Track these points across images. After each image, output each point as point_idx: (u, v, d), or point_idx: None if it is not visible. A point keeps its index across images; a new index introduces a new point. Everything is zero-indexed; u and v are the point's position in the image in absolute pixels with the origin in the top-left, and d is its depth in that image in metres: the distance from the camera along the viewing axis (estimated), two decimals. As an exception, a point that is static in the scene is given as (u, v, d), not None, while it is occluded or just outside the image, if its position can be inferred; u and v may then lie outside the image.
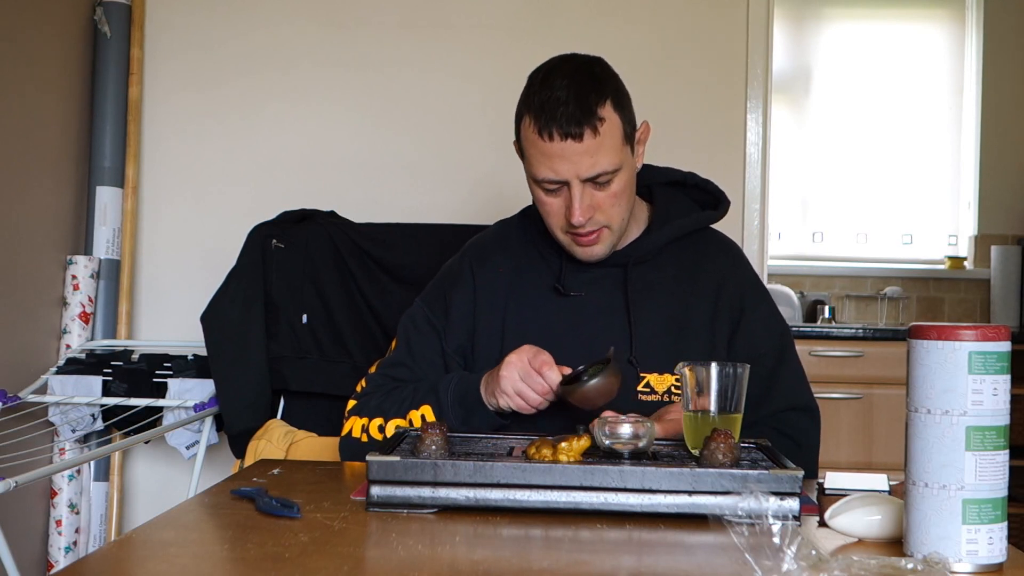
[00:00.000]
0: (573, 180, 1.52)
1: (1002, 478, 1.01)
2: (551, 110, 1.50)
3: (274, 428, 2.20)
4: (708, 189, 1.76)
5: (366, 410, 1.63)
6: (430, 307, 1.71)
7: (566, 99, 1.50)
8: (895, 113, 4.31)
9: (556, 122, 1.49)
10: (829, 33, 4.33)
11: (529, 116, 1.54)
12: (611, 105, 1.53)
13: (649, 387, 1.60)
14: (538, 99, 1.52)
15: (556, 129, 1.50)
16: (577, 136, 1.50)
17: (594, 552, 1.09)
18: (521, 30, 3.02)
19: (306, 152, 3.02)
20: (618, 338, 1.61)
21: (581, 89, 1.51)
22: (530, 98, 1.54)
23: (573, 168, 1.51)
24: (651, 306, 1.64)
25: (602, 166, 1.52)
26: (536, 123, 1.52)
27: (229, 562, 1.04)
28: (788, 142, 4.26)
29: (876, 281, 4.27)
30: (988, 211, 4.27)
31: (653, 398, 1.60)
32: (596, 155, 1.51)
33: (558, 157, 1.51)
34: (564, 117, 1.49)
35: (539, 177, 1.55)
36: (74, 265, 2.83)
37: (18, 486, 1.82)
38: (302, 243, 2.37)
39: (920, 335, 1.03)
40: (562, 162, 1.51)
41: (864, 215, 4.32)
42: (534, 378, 1.49)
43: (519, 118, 1.58)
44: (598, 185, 1.54)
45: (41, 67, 2.73)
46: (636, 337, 1.61)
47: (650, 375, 1.61)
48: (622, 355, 1.56)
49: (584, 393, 1.45)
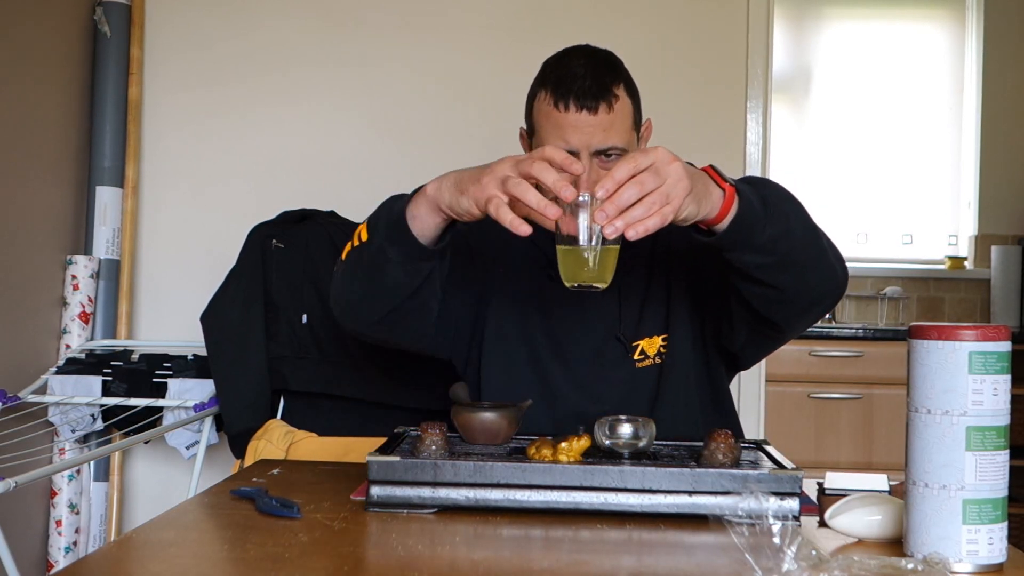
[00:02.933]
0: (584, 152, 1.53)
1: (1002, 478, 1.01)
2: (568, 83, 1.53)
3: (274, 428, 2.19)
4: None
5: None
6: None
7: (583, 75, 1.54)
8: (895, 113, 4.31)
9: (573, 93, 1.53)
10: (829, 33, 4.33)
11: (545, 91, 1.56)
12: (624, 89, 1.57)
13: (643, 353, 1.64)
14: (555, 75, 1.56)
15: (573, 100, 1.53)
16: (593, 109, 1.53)
17: (594, 552, 1.09)
18: (521, 30, 3.02)
19: (306, 152, 3.02)
20: (611, 316, 1.64)
21: (598, 69, 1.56)
22: (546, 76, 1.58)
23: (585, 139, 1.53)
24: (633, 276, 1.66)
25: (612, 141, 1.54)
26: (553, 95, 1.54)
27: (229, 562, 1.04)
28: (788, 142, 4.26)
29: (876, 281, 4.27)
30: (988, 211, 4.27)
31: (648, 363, 1.64)
32: (609, 130, 1.54)
33: (571, 127, 1.53)
34: (581, 90, 1.53)
35: None
36: (74, 265, 2.83)
37: (18, 486, 1.82)
38: (302, 243, 2.37)
39: (920, 335, 1.03)
40: (575, 132, 1.53)
41: (864, 215, 4.32)
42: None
43: (531, 98, 1.61)
44: (606, 161, 1.55)
45: (41, 66, 2.73)
46: (624, 311, 1.64)
47: (640, 341, 1.64)
48: (524, 411, 1.49)
49: (470, 421, 1.40)
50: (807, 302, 1.48)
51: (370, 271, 1.44)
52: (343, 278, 1.50)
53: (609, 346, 1.65)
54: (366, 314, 1.51)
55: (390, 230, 1.40)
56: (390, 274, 1.42)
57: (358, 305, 1.51)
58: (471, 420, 1.40)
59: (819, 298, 1.49)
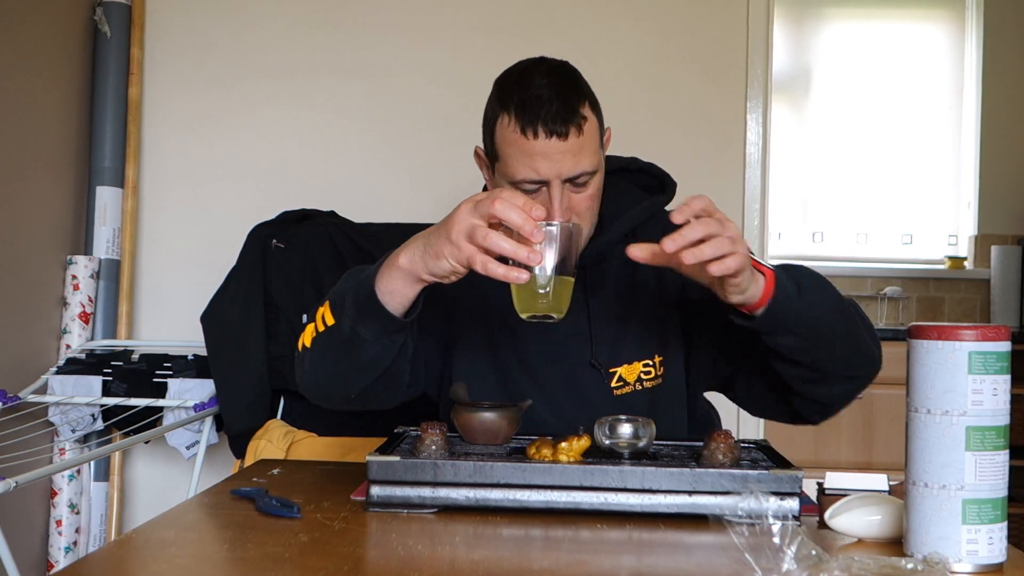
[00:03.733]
0: (554, 180, 1.47)
1: (1002, 478, 1.01)
2: (535, 108, 1.45)
3: (274, 428, 2.20)
4: (653, 172, 1.72)
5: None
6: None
7: (549, 97, 1.46)
8: (895, 113, 4.31)
9: (541, 120, 1.45)
10: (829, 33, 4.33)
11: (508, 115, 1.47)
12: (589, 106, 1.50)
13: (622, 380, 1.58)
14: (518, 98, 1.47)
15: (541, 127, 1.45)
16: (562, 134, 1.45)
17: (594, 552, 1.09)
18: (520, 31, 3.02)
19: (306, 152, 3.02)
20: (583, 341, 1.59)
21: (562, 88, 1.48)
22: (506, 97, 1.49)
23: (555, 167, 1.47)
24: (609, 301, 1.61)
25: (583, 166, 1.48)
26: (519, 121, 1.46)
27: (229, 562, 1.04)
28: (788, 142, 4.26)
29: (876, 281, 4.27)
30: (988, 211, 4.27)
31: (628, 390, 1.58)
32: (579, 155, 1.47)
33: (541, 156, 1.46)
34: (549, 115, 1.45)
35: (518, 178, 1.48)
36: (74, 265, 2.83)
37: (18, 486, 1.82)
38: (302, 243, 2.37)
39: (920, 335, 1.03)
40: (544, 161, 1.46)
41: (864, 215, 4.32)
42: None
43: (491, 120, 1.51)
44: (576, 187, 1.50)
45: (41, 67, 2.73)
46: (596, 337, 1.59)
47: (619, 368, 1.58)
48: (524, 411, 1.48)
49: (470, 421, 1.40)
50: (843, 378, 1.46)
51: (343, 353, 1.39)
52: (313, 361, 1.44)
53: (583, 372, 1.59)
54: (340, 393, 1.46)
55: (360, 310, 1.34)
56: (365, 352, 1.37)
57: (331, 386, 1.46)
58: (471, 420, 1.40)
59: (856, 375, 1.46)
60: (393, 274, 1.33)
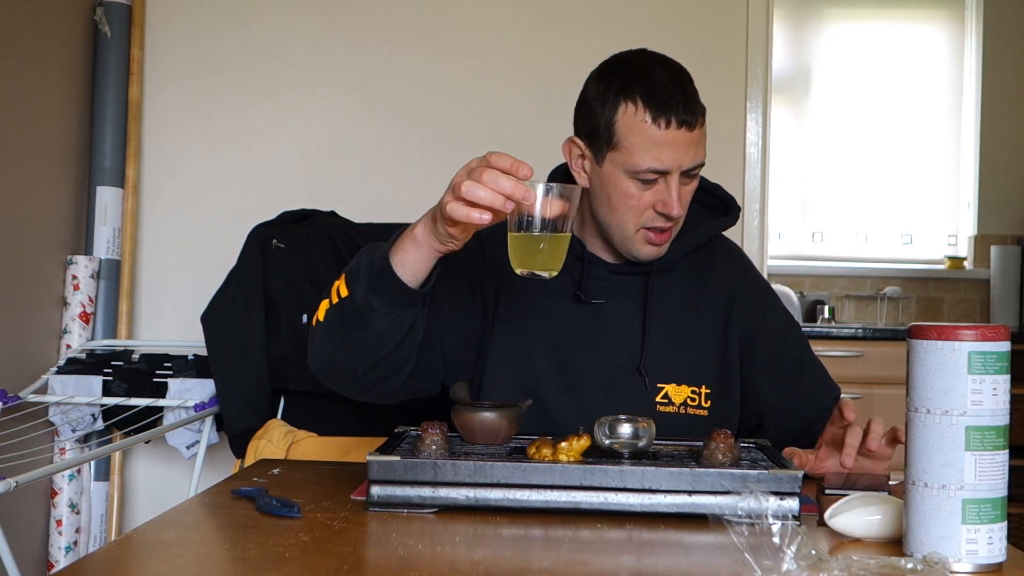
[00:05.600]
0: (675, 170, 1.48)
1: (1002, 478, 1.01)
2: (666, 97, 1.46)
3: (274, 428, 2.20)
4: (717, 194, 1.73)
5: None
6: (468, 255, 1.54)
7: (673, 88, 1.47)
8: (895, 113, 4.31)
9: (674, 110, 1.46)
10: (829, 33, 4.33)
11: (634, 104, 1.47)
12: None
13: (667, 398, 1.57)
14: (645, 88, 1.47)
15: (674, 117, 1.46)
16: (691, 125, 1.47)
17: (594, 552, 1.10)
18: (521, 31, 3.03)
19: (306, 152, 3.02)
20: (632, 348, 1.57)
21: (683, 80, 1.50)
22: (629, 87, 1.48)
23: (679, 158, 1.48)
24: (666, 316, 1.60)
25: (700, 158, 1.50)
26: (650, 110, 1.46)
27: (229, 562, 1.04)
28: (788, 142, 4.26)
29: (876, 281, 4.27)
30: (988, 211, 4.27)
31: (671, 409, 1.56)
32: (698, 146, 1.50)
33: (668, 146, 1.47)
34: (680, 105, 1.46)
35: (643, 167, 1.48)
36: (74, 265, 2.83)
37: (18, 486, 1.82)
38: (302, 243, 2.37)
39: (920, 335, 1.03)
40: (671, 151, 1.47)
41: (864, 215, 4.32)
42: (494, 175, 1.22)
43: (606, 107, 1.50)
44: (687, 179, 1.51)
45: (41, 67, 2.73)
46: (649, 347, 1.57)
47: (667, 386, 1.57)
48: (524, 411, 1.46)
49: (470, 421, 1.40)
50: None
51: (354, 324, 1.39)
52: (324, 334, 1.43)
53: (625, 377, 1.57)
54: (347, 368, 1.45)
55: (374, 280, 1.35)
56: (375, 324, 1.37)
57: (340, 359, 1.44)
58: (471, 420, 1.40)
59: None
60: (407, 246, 1.35)
